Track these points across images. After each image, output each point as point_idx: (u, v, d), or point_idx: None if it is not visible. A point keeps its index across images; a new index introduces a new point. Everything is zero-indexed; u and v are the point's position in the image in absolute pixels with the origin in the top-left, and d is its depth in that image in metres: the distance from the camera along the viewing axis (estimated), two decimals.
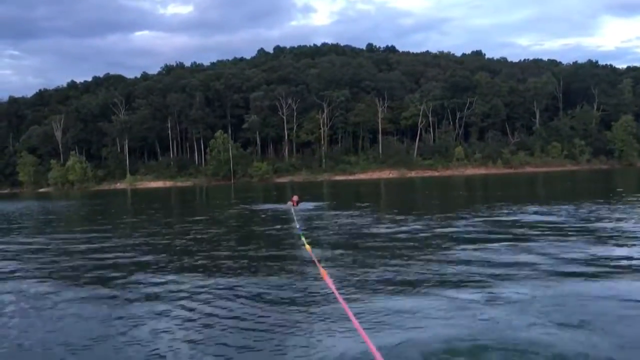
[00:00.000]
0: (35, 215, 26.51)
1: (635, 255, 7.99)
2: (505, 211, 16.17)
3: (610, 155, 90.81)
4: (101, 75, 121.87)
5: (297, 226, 12.86)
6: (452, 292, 6.03)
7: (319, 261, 7.19)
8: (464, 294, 5.93)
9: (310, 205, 21.37)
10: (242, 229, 15.31)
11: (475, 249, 9.10)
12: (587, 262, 7.55)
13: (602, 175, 53.56)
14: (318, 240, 10.98)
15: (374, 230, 12.71)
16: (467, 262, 7.88)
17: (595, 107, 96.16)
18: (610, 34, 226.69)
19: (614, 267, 7.24)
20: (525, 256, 8.15)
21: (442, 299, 5.78)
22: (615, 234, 10.48)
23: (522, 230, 11.44)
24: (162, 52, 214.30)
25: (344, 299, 4.65)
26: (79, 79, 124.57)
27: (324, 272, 5.80)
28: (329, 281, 5.31)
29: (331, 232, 12.62)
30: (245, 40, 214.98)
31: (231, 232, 14.62)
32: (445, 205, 22.39)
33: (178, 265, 8.82)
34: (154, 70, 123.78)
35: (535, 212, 15.33)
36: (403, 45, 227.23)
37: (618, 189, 28.08)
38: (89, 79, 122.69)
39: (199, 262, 9.15)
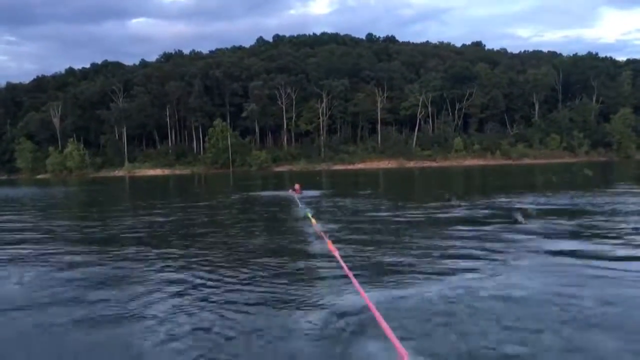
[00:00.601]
0: (47, 199, 26.55)
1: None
2: (499, 199, 16.33)
3: (608, 147, 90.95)
4: (99, 62, 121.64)
5: (302, 206, 13.16)
6: (439, 261, 6.69)
7: (325, 233, 7.61)
8: (450, 263, 6.56)
9: (314, 192, 21.39)
10: (248, 212, 15.48)
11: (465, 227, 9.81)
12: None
13: (599, 167, 53.74)
14: (323, 220, 11.15)
15: (375, 213, 13.09)
16: (455, 237, 8.59)
17: (594, 99, 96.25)
18: (610, 26, 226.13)
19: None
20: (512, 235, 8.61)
21: (431, 263, 6.58)
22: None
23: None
24: (160, 40, 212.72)
25: (345, 262, 5.66)
26: (76, 66, 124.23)
27: (329, 243, 6.68)
28: (333, 249, 6.21)
29: (335, 215, 12.75)
30: (243, 29, 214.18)
31: (240, 214, 14.90)
32: (442, 193, 22.51)
33: (195, 243, 9.11)
34: (152, 57, 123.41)
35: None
36: (403, 35, 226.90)
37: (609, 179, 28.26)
38: (87, 65, 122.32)
39: (214, 238, 9.68)
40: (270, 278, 5.92)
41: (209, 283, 5.82)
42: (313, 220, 9.75)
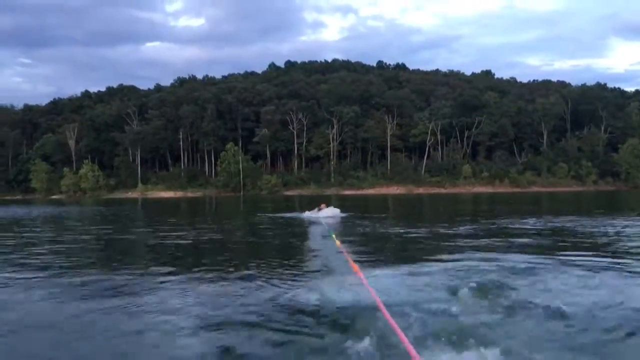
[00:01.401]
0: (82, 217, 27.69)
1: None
2: (499, 221, 17.53)
3: (616, 177, 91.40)
4: (114, 86, 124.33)
5: (327, 228, 14.15)
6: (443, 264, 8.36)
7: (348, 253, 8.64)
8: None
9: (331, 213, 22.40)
10: (276, 230, 16.69)
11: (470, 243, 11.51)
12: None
13: (606, 196, 54.34)
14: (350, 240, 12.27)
15: (389, 230, 14.06)
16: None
17: (602, 129, 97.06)
18: (619, 56, 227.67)
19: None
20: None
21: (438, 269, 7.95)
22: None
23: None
24: (173, 64, 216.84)
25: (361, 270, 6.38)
26: (90, 89, 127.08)
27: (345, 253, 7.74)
28: (353, 264, 6.86)
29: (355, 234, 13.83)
30: (255, 54, 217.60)
31: (272, 231, 16.09)
32: (451, 216, 23.56)
33: (233, 256, 10.42)
34: (164, 81, 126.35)
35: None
36: (413, 62, 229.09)
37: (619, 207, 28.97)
38: (102, 88, 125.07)
39: (245, 254, 10.96)
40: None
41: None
42: (337, 242, 10.43)
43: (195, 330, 4.98)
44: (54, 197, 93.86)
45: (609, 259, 8.81)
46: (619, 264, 8.33)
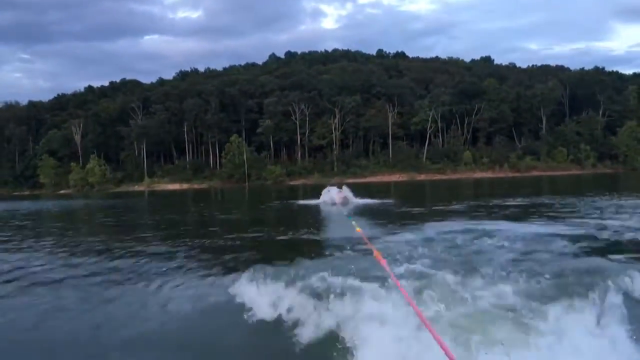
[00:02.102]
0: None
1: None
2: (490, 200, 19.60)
3: (615, 159, 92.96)
4: (117, 80, 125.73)
5: (345, 213, 15.90)
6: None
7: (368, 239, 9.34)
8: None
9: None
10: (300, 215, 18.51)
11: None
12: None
13: (604, 178, 55.97)
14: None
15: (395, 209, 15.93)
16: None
17: (600, 113, 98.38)
18: (619, 38, 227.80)
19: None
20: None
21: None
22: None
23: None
24: (172, 56, 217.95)
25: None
26: (91, 83, 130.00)
27: (367, 240, 8.54)
28: (376, 252, 6.75)
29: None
30: (254, 45, 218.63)
31: (298, 217, 17.83)
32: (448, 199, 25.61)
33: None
34: (166, 74, 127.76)
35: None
36: (412, 50, 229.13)
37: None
38: (104, 83, 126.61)
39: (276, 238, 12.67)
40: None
41: None
42: (358, 229, 10.51)
43: None
44: (62, 191, 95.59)
45: (553, 224, 11.97)
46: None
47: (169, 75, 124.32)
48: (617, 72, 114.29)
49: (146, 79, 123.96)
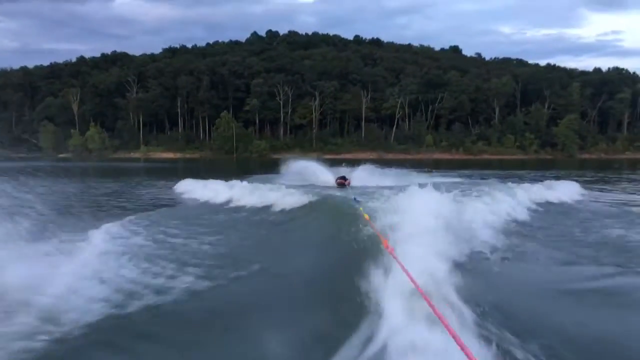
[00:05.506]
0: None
1: None
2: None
3: (554, 147, 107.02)
4: (109, 53, 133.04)
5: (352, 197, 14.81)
6: None
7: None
8: None
9: None
10: None
11: None
12: None
13: (542, 162, 69.05)
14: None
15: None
16: None
17: (546, 106, 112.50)
18: (590, 26, 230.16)
19: None
20: None
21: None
22: None
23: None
24: (145, 21, 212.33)
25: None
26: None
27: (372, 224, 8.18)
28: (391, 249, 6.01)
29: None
30: (228, 14, 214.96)
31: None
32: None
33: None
34: (143, 42, 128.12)
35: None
36: (387, 31, 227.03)
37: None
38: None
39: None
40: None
41: None
42: (365, 215, 9.19)
43: None
44: (61, 155, 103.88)
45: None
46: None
47: (147, 44, 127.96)
48: (565, 69, 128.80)
49: (120, 47, 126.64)
